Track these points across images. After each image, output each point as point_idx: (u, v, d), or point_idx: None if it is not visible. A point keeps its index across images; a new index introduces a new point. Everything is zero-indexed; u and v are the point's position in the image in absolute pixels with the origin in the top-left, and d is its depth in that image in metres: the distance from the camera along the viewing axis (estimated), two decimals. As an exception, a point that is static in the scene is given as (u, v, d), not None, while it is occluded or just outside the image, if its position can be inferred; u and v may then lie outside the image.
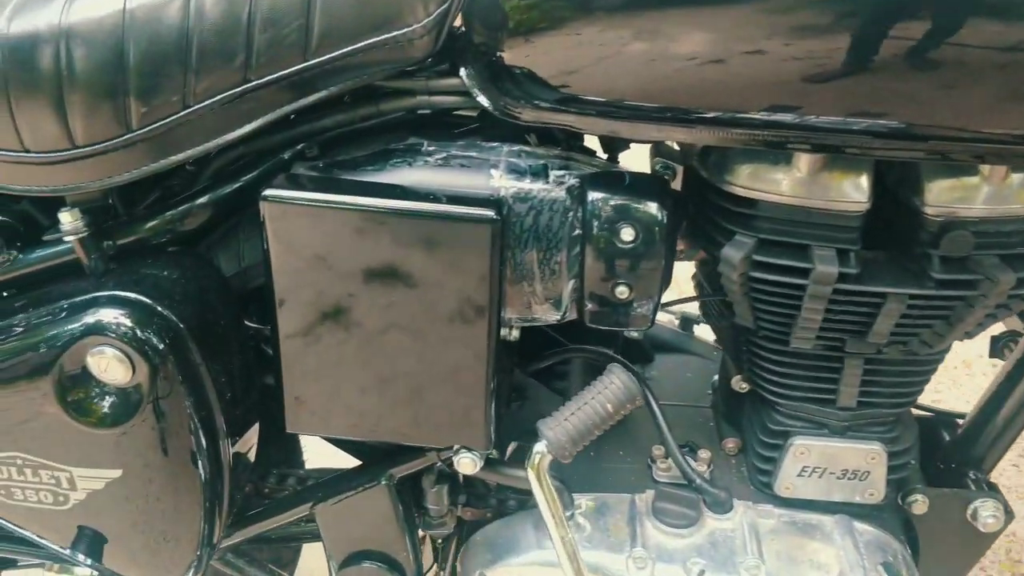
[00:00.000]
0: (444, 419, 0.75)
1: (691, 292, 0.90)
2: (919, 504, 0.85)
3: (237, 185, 0.74)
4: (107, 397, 0.67)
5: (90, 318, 0.65)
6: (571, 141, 0.78)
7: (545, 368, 0.93)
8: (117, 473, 0.69)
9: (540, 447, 0.71)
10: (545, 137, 0.79)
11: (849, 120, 0.61)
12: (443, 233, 0.67)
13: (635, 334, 1.01)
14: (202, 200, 0.74)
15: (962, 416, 0.94)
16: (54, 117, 0.63)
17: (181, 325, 0.67)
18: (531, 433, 0.85)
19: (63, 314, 0.67)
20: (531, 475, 0.72)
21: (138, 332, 0.65)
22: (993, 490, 0.87)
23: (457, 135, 0.77)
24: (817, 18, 0.58)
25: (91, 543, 0.74)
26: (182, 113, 0.65)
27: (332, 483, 0.85)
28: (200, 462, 0.71)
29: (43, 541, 0.76)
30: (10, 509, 0.73)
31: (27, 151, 0.65)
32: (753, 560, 0.78)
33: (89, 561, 0.75)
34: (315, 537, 0.96)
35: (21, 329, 0.67)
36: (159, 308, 0.67)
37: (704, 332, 1.13)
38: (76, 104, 0.63)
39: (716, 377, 0.97)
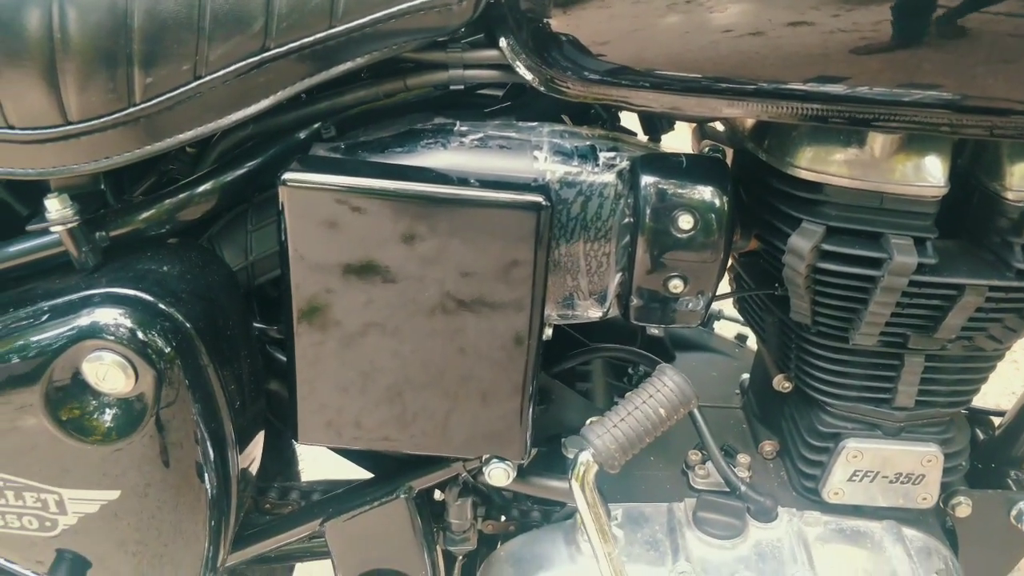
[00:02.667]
0: (477, 427, 0.68)
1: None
2: (963, 507, 0.81)
3: (245, 169, 0.66)
4: (105, 409, 0.58)
5: (85, 319, 0.57)
6: (612, 122, 0.72)
7: (571, 368, 0.87)
8: (115, 495, 0.61)
9: (585, 456, 0.65)
10: (581, 118, 0.73)
11: (927, 94, 0.56)
12: (485, 221, 0.60)
13: (655, 331, 0.95)
14: (205, 187, 0.66)
15: (999, 414, 0.91)
16: (44, 88, 0.55)
17: (188, 325, 0.59)
18: (556, 438, 0.79)
19: (51, 315, 0.58)
20: (575, 487, 0.66)
21: (140, 334, 0.57)
22: (1032, 492, 0.83)
23: (488, 114, 0.70)
24: None
25: (78, 571, 0.66)
26: (192, 85, 0.57)
27: (344, 497, 0.77)
28: (207, 476, 0.63)
29: (22, 572, 0.67)
30: (-17, 536, 0.64)
31: (10, 127, 0.56)
32: (805, 571, 0.72)
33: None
34: (320, 555, 0.88)
35: (4, 332, 0.59)
36: (162, 307, 0.59)
37: (724, 328, 1.08)
38: (70, 73, 0.55)
39: (746, 376, 0.92)
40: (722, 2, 0.56)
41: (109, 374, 0.56)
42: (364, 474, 0.83)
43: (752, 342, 0.96)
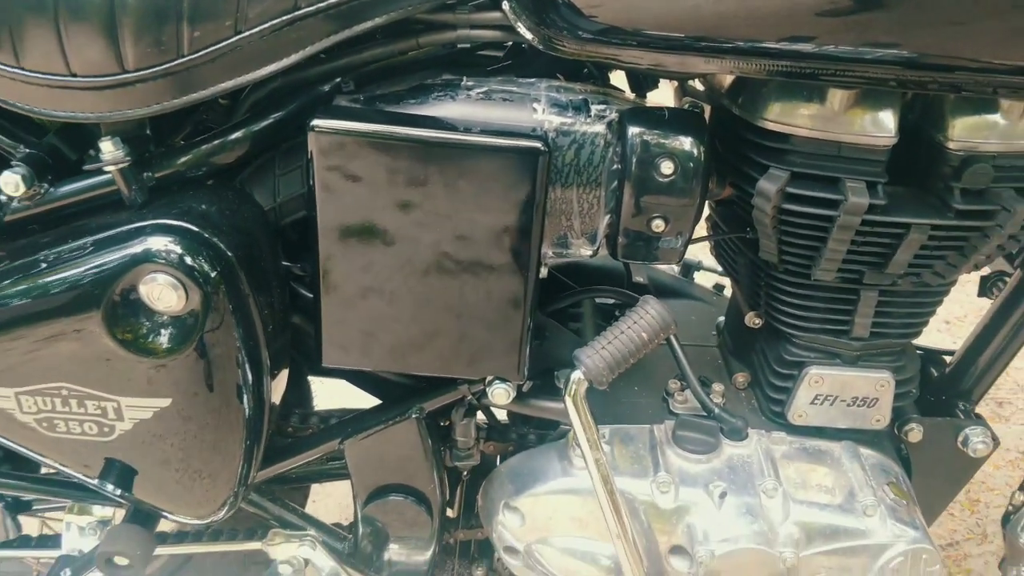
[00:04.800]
0: (481, 350, 0.76)
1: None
2: (914, 432, 0.91)
3: (273, 119, 0.74)
4: (159, 327, 0.66)
5: (140, 246, 0.65)
6: (602, 79, 0.80)
7: (559, 309, 0.95)
8: (167, 402, 0.69)
9: (577, 374, 0.74)
10: (573, 74, 0.80)
11: (871, 51, 0.64)
12: (490, 165, 0.68)
13: (640, 279, 1.04)
14: (237, 135, 0.73)
15: (949, 353, 1.00)
16: (104, 41, 0.62)
17: (229, 254, 0.67)
18: (549, 372, 0.87)
19: (110, 244, 0.66)
20: (568, 402, 0.74)
21: (189, 259, 0.65)
22: (980, 420, 0.93)
23: (491, 71, 0.78)
24: None
25: (128, 476, 0.74)
26: (232, 39, 0.64)
27: (361, 419, 0.86)
28: (245, 397, 0.71)
29: (76, 475, 0.75)
30: (48, 442, 0.72)
31: (74, 75, 0.63)
32: (771, 483, 0.82)
33: (120, 493, 0.75)
34: (334, 477, 0.97)
35: (62, 262, 0.66)
36: (207, 236, 0.67)
37: (703, 278, 1.17)
38: (127, 27, 0.62)
39: (721, 318, 1.01)
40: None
41: (163, 294, 0.64)
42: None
43: (728, 291, 1.04)
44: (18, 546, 0.91)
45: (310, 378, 1.06)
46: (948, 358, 1.00)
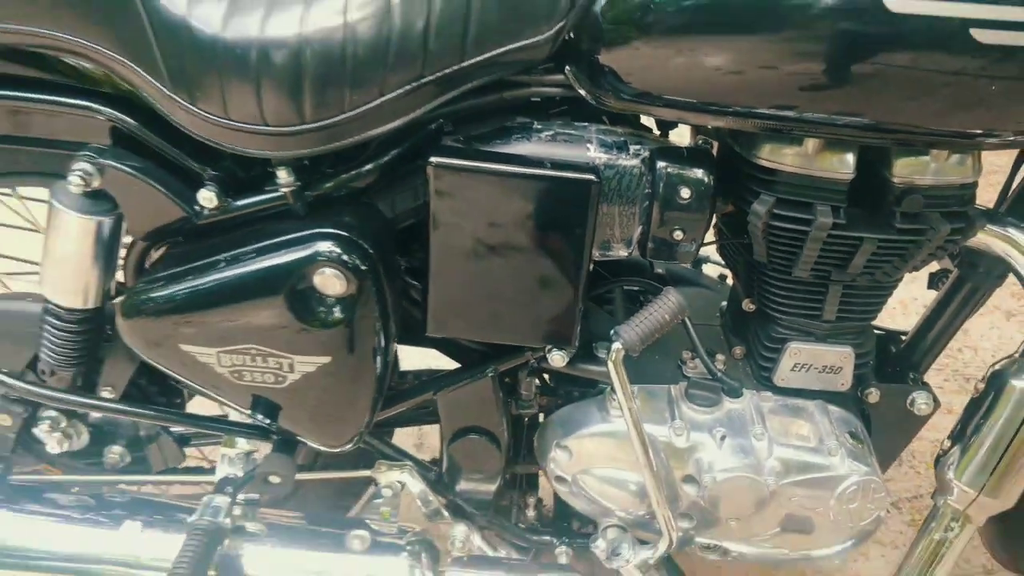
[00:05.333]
0: (545, 325, 1.03)
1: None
2: (873, 395, 1.16)
3: (395, 153, 0.99)
4: (325, 305, 0.93)
5: (313, 248, 0.91)
6: (636, 121, 1.06)
7: (597, 295, 1.21)
8: (327, 360, 0.96)
9: (617, 345, 1.00)
10: (616, 118, 1.06)
11: (836, 116, 0.90)
12: (558, 190, 0.94)
13: (660, 270, 1.30)
14: (369, 166, 0.98)
15: (904, 334, 1.26)
16: (290, 101, 0.88)
17: (372, 252, 0.93)
18: (589, 344, 1.13)
19: (289, 246, 0.92)
20: (610, 366, 1.00)
21: (347, 257, 0.92)
22: (926, 386, 1.19)
23: (551, 115, 1.04)
24: (814, 55, 0.86)
25: (287, 413, 1.01)
26: (377, 101, 0.90)
27: (451, 376, 1.13)
28: (378, 358, 0.98)
29: (248, 413, 1.02)
30: (234, 389, 1.00)
31: (266, 124, 0.90)
32: (759, 429, 1.08)
33: (278, 426, 1.02)
34: (425, 421, 1.24)
35: (251, 258, 0.93)
36: (356, 239, 0.93)
37: (709, 270, 1.43)
38: (308, 92, 0.88)
39: (724, 303, 1.27)
40: (712, 51, 0.89)
41: (330, 283, 0.91)
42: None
43: (729, 280, 1.30)
44: (184, 472, 1.19)
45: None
46: (903, 337, 1.26)
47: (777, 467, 1.06)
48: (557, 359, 1.07)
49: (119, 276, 1.07)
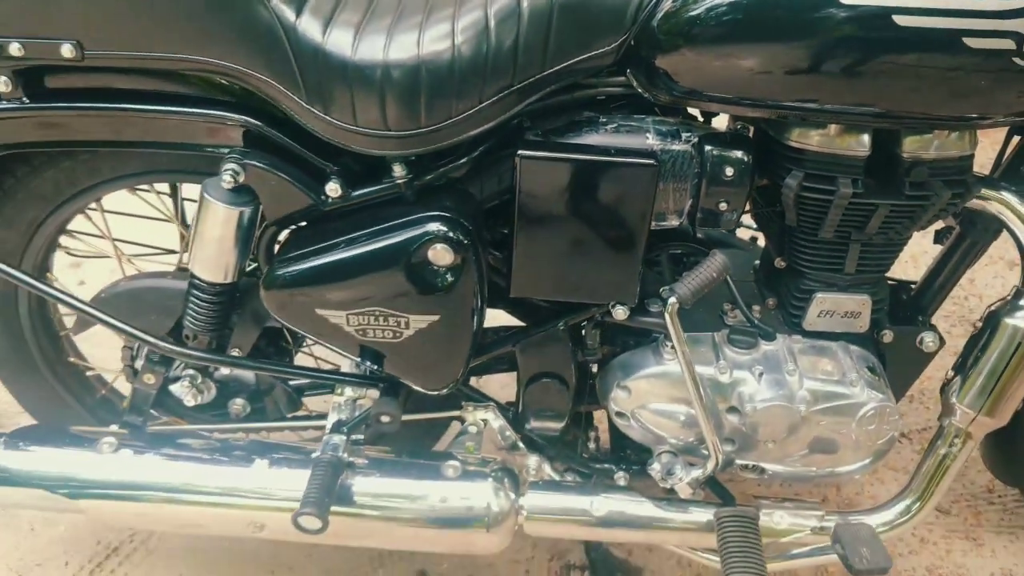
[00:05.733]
0: (611, 284, 1.23)
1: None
2: (887, 336, 1.36)
3: (484, 148, 1.18)
4: (436, 273, 1.14)
5: (426, 228, 1.11)
6: (684, 112, 1.25)
7: (648, 258, 1.41)
8: (436, 318, 1.16)
9: (673, 299, 1.20)
10: (666, 110, 1.25)
11: (853, 107, 1.08)
12: (624, 174, 1.13)
13: (699, 235, 1.49)
14: (463, 160, 1.18)
15: (914, 283, 1.46)
16: (409, 110, 1.07)
17: (471, 229, 1.14)
18: (642, 300, 1.33)
19: (406, 227, 1.12)
20: (667, 317, 1.20)
21: (454, 234, 1.12)
22: (933, 328, 1.38)
23: (612, 109, 1.23)
24: (833, 59, 1.04)
25: (398, 362, 1.22)
26: (477, 107, 1.09)
27: (527, 330, 1.33)
28: (475, 316, 1.19)
29: (365, 364, 1.24)
30: (357, 344, 1.21)
31: (389, 130, 1.09)
32: (792, 366, 1.28)
33: (389, 374, 1.24)
34: (497, 370, 1.45)
35: (376, 237, 1.13)
36: (459, 219, 1.13)
37: (742, 233, 1.62)
38: (424, 102, 1.06)
39: (756, 262, 1.46)
40: (747, 56, 1.08)
41: (441, 256, 1.11)
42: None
43: (760, 242, 1.49)
44: (302, 419, 1.41)
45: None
46: (913, 286, 1.46)
47: (807, 397, 1.27)
48: (620, 313, 1.28)
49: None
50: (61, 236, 1.43)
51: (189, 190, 1.40)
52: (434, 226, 1.12)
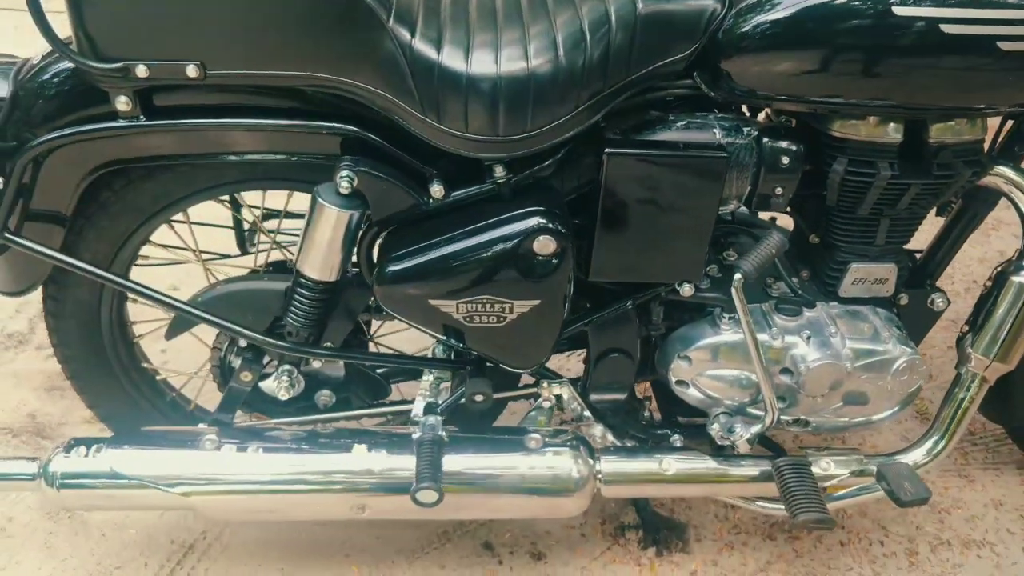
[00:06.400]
0: (681, 265, 1.38)
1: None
2: (903, 298, 1.55)
3: (567, 149, 1.31)
4: (539, 261, 1.26)
5: (531, 222, 1.23)
6: (739, 110, 1.40)
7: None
8: (537, 302, 1.29)
9: (738, 274, 1.35)
10: (719, 106, 1.40)
11: (893, 101, 1.26)
12: (699, 166, 1.28)
13: (728, 216, 1.65)
14: (549, 160, 1.31)
15: (920, 252, 1.65)
16: (520, 119, 1.18)
17: (564, 220, 1.27)
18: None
19: (510, 222, 1.24)
20: (733, 291, 1.36)
21: (554, 226, 1.24)
22: (940, 290, 1.58)
23: (676, 107, 1.37)
24: (872, 63, 1.21)
25: (498, 344, 1.34)
26: (572, 114, 1.22)
27: (599, 308, 1.47)
28: (566, 303, 1.32)
29: (469, 348, 1.35)
30: (463, 330, 1.32)
31: (498, 136, 1.20)
32: (833, 329, 1.46)
33: (488, 354, 1.36)
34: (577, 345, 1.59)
35: (484, 231, 1.25)
36: (556, 211, 1.26)
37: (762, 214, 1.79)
38: (532, 112, 1.18)
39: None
40: (798, 61, 1.23)
41: (545, 246, 1.24)
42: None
43: (778, 221, 1.66)
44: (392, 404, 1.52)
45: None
46: (918, 255, 1.65)
47: (850, 354, 1.45)
48: (687, 290, 1.43)
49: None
50: (144, 246, 1.50)
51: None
52: (538, 220, 1.25)
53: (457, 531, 1.78)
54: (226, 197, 1.54)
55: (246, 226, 1.68)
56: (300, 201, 1.47)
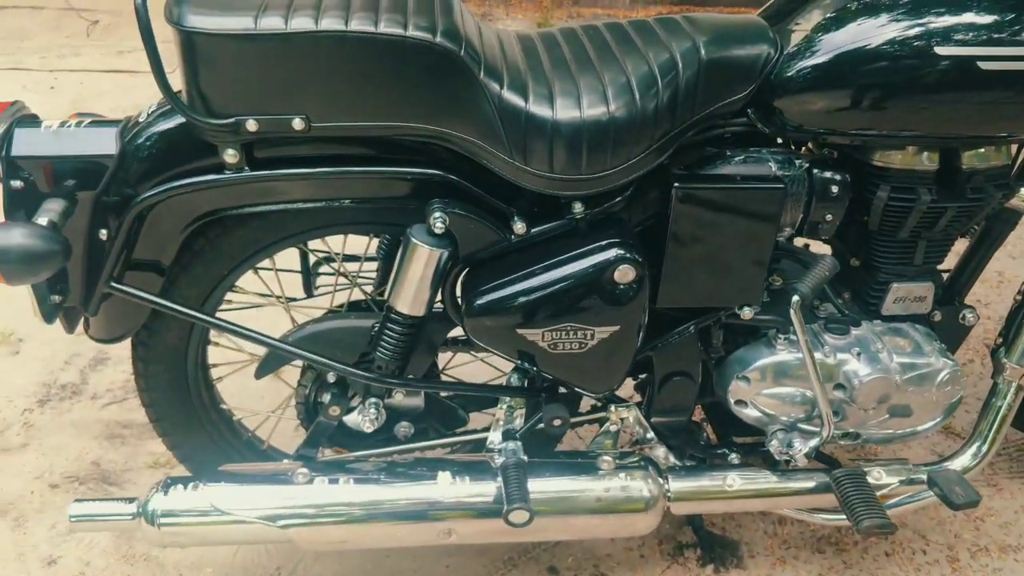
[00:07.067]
0: (743, 289, 1.48)
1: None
2: (937, 315, 1.67)
3: (635, 185, 1.42)
4: (620, 289, 1.36)
5: (613, 253, 1.33)
6: (787, 144, 1.52)
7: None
8: (617, 328, 1.38)
9: (796, 297, 1.46)
10: (766, 141, 1.52)
11: (931, 133, 1.39)
12: (759, 197, 1.39)
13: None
14: (622, 195, 1.41)
15: (948, 271, 1.77)
16: (598, 160, 1.29)
17: (640, 251, 1.37)
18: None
19: (591, 253, 1.34)
20: (792, 312, 1.46)
21: (632, 255, 1.34)
22: (970, 307, 1.70)
23: (732, 143, 1.49)
24: (909, 101, 1.34)
25: (578, 370, 1.43)
26: (647, 150, 1.33)
27: (663, 333, 1.57)
28: (640, 332, 1.42)
29: (549, 374, 1.44)
30: (547, 357, 1.41)
31: (582, 175, 1.30)
32: (880, 345, 1.57)
33: (568, 380, 1.45)
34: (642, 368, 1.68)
35: (567, 262, 1.35)
36: (631, 242, 1.37)
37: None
38: (611, 154, 1.29)
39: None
40: (841, 99, 1.36)
41: (626, 274, 1.33)
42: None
43: (811, 248, 1.77)
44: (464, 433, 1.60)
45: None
46: (945, 274, 1.77)
47: (898, 368, 1.55)
48: (747, 313, 1.53)
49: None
50: (229, 292, 1.58)
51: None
52: (617, 251, 1.35)
53: (522, 557, 1.85)
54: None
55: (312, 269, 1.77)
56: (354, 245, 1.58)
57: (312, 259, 1.77)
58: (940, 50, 1.30)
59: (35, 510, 1.91)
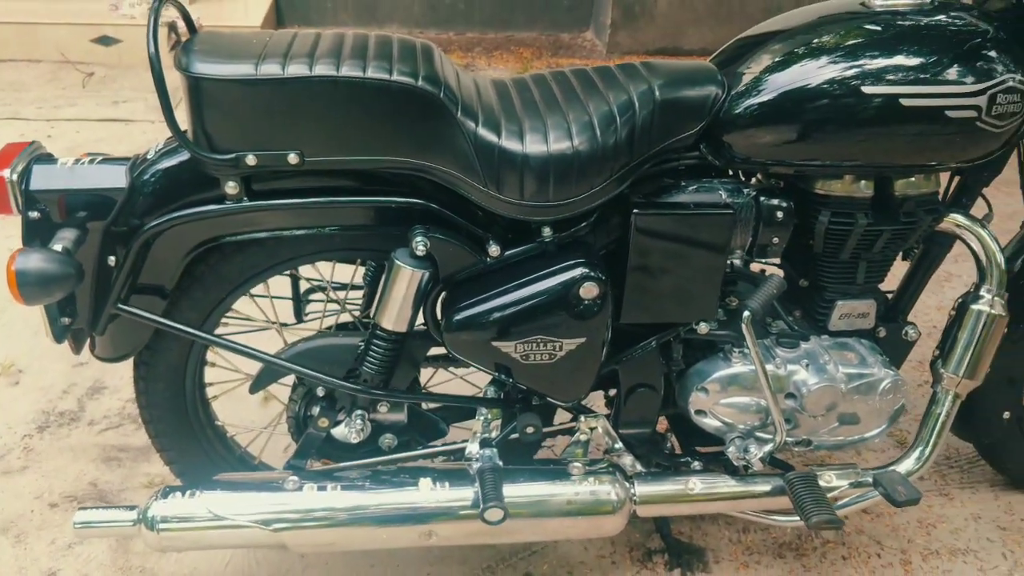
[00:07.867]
0: (698, 306, 1.62)
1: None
2: (881, 332, 1.81)
3: (601, 210, 1.57)
4: (583, 307, 1.49)
5: (578, 271, 1.47)
6: (737, 174, 1.68)
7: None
8: (583, 340, 1.52)
9: (747, 312, 1.60)
10: (719, 172, 1.67)
11: (864, 163, 1.55)
12: (710, 222, 1.54)
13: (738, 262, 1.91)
14: (585, 223, 1.56)
15: (891, 292, 1.93)
16: (568, 187, 1.44)
17: (603, 270, 1.51)
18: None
19: (558, 273, 1.48)
20: (744, 327, 1.60)
21: (595, 274, 1.48)
22: (912, 323, 1.84)
23: (685, 174, 1.64)
24: (843, 136, 1.50)
25: (546, 380, 1.56)
26: (609, 180, 1.48)
27: (628, 348, 1.70)
28: (603, 345, 1.55)
29: (521, 384, 1.57)
30: (519, 367, 1.54)
31: (549, 202, 1.45)
32: (827, 357, 1.71)
33: (539, 389, 1.58)
34: (609, 382, 1.81)
35: (537, 281, 1.48)
36: (596, 263, 1.50)
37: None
38: (575, 181, 1.44)
39: (776, 284, 1.90)
40: (785, 133, 1.52)
41: (590, 291, 1.47)
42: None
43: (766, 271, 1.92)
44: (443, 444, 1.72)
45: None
46: (889, 295, 1.92)
47: (844, 378, 1.69)
48: (703, 328, 1.67)
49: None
50: (224, 315, 1.70)
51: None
52: (583, 270, 1.49)
53: (500, 564, 1.96)
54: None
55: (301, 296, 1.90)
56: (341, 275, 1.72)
57: (303, 287, 1.90)
58: (867, 89, 1.46)
59: (35, 527, 2.00)
